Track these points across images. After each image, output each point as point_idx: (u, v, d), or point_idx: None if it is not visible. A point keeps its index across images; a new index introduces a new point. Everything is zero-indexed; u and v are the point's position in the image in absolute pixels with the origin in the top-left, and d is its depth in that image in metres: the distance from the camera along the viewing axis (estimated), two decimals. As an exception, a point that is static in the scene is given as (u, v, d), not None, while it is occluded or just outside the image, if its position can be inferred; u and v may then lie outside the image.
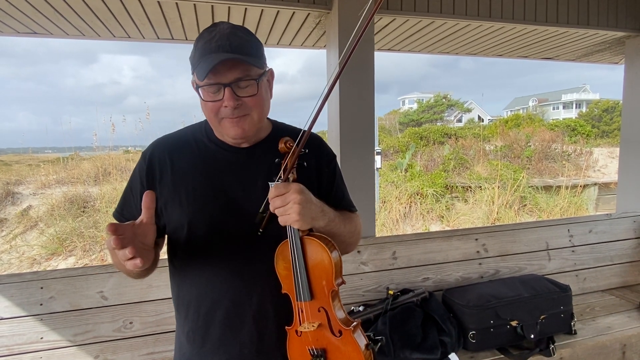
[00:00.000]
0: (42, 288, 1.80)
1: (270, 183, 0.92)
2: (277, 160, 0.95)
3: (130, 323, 1.88)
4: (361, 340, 0.97)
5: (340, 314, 0.98)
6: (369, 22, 0.87)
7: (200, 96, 0.93)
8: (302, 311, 0.97)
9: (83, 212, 6.87)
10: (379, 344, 1.03)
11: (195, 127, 1.09)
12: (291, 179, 0.93)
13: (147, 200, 0.86)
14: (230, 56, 0.89)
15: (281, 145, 0.94)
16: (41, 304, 1.79)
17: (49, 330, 1.78)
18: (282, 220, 0.89)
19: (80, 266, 5.51)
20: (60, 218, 6.61)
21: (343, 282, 0.97)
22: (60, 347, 1.79)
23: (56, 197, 7.24)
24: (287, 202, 0.86)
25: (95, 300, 1.85)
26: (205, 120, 1.09)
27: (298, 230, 0.92)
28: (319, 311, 0.96)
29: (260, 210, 0.96)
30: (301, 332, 0.98)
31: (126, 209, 1.06)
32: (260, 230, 0.97)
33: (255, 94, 0.94)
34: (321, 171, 1.10)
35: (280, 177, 0.92)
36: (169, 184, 1.01)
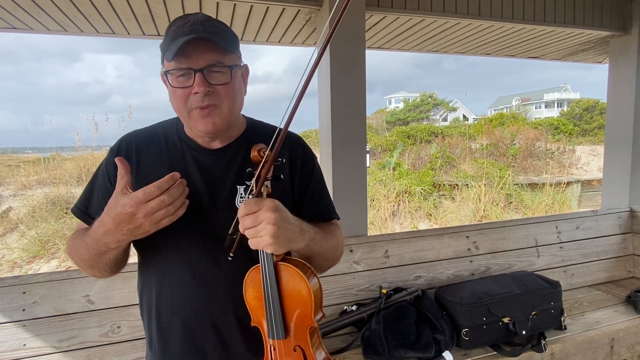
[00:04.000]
0: (24, 293, 1.73)
1: (239, 193, 0.82)
2: (248, 170, 0.84)
3: (118, 327, 1.82)
4: None
5: (320, 355, 0.86)
6: (340, 17, 0.76)
7: (169, 82, 0.88)
8: (274, 349, 0.86)
9: (66, 213, 6.69)
10: None
11: (168, 123, 1.04)
12: (264, 193, 0.80)
13: (125, 166, 0.82)
14: (203, 36, 0.84)
15: (254, 154, 0.81)
16: (24, 310, 1.72)
17: (32, 337, 1.71)
18: (252, 244, 0.77)
19: (64, 269, 5.36)
20: (42, 220, 6.43)
21: (323, 316, 0.86)
22: (45, 354, 1.72)
23: (37, 198, 7.04)
24: (259, 222, 0.75)
25: (81, 305, 1.78)
26: (178, 117, 1.03)
27: (272, 255, 0.81)
28: (294, 350, 0.84)
29: (230, 232, 0.84)
30: None
31: (92, 207, 0.98)
32: (231, 254, 0.86)
33: (228, 82, 0.88)
34: (294, 173, 1.01)
35: (251, 191, 0.79)
36: (133, 183, 0.93)
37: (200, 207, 0.93)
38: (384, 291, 2.15)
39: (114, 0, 2.26)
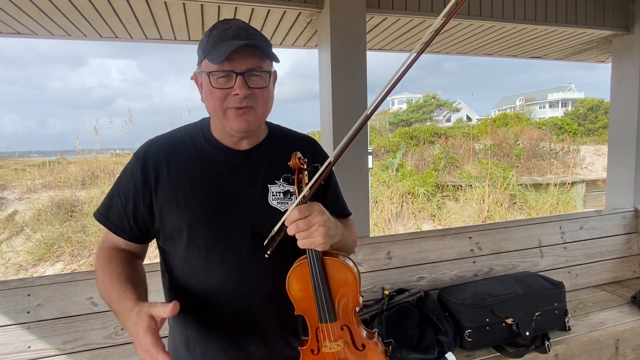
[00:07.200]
0: (29, 295, 1.74)
1: (270, 192, 0.88)
2: (284, 175, 0.93)
3: (122, 329, 1.83)
4: (380, 348, 0.97)
5: (361, 327, 0.97)
6: (445, 23, 0.81)
7: (210, 83, 0.90)
8: (321, 331, 0.95)
9: (71, 216, 6.74)
10: (390, 346, 1.02)
11: (191, 127, 1.06)
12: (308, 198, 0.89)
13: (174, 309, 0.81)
14: (250, 42, 0.88)
15: (293, 161, 0.89)
16: (28, 312, 1.73)
17: (37, 339, 1.73)
18: (304, 244, 0.86)
19: (69, 272, 5.40)
20: (47, 223, 6.47)
21: (362, 297, 0.96)
22: (49, 356, 1.73)
23: (43, 201, 7.09)
24: (311, 225, 0.84)
25: (85, 307, 1.80)
26: (202, 121, 1.06)
27: (319, 251, 0.89)
28: (342, 329, 0.95)
29: (273, 233, 0.92)
30: (323, 352, 0.95)
31: (113, 213, 1.00)
32: (269, 253, 0.93)
33: (265, 86, 0.94)
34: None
35: (296, 197, 0.88)
36: (165, 186, 0.97)
37: (235, 206, 0.97)
38: (387, 292, 2.15)
39: (116, 4, 2.28)
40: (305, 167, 0.90)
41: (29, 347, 1.72)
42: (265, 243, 0.93)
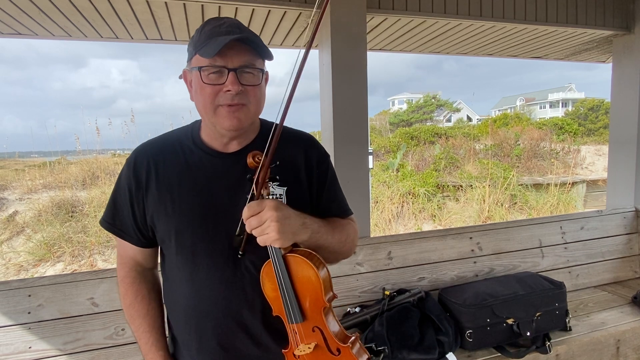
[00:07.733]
0: (29, 296, 1.74)
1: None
2: (248, 176, 0.89)
3: (122, 330, 1.83)
4: (361, 355, 0.93)
5: (336, 331, 0.94)
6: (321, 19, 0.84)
7: (201, 79, 0.89)
8: (296, 333, 0.93)
9: (71, 217, 6.74)
10: (382, 355, 1.00)
11: (182, 131, 1.05)
12: (265, 194, 0.87)
13: None
14: (243, 36, 0.87)
15: (249, 161, 0.87)
16: (29, 312, 1.73)
17: (38, 340, 1.73)
18: (261, 241, 0.84)
19: (70, 272, 5.40)
20: (48, 223, 6.47)
21: (334, 297, 0.93)
22: (50, 357, 1.73)
23: (43, 202, 7.09)
24: (263, 221, 0.82)
25: (86, 307, 1.80)
26: (193, 124, 1.06)
27: (279, 248, 0.87)
28: (313, 331, 0.92)
29: (237, 233, 0.92)
30: (298, 355, 0.93)
31: (118, 219, 1.02)
32: (240, 252, 0.93)
33: (258, 84, 0.92)
34: (311, 172, 1.04)
35: (253, 195, 0.86)
36: (154, 192, 0.98)
37: (222, 211, 0.96)
38: (387, 293, 2.15)
39: (117, 5, 2.28)
40: (261, 165, 0.88)
41: (29, 347, 1.72)
42: (234, 244, 0.93)
